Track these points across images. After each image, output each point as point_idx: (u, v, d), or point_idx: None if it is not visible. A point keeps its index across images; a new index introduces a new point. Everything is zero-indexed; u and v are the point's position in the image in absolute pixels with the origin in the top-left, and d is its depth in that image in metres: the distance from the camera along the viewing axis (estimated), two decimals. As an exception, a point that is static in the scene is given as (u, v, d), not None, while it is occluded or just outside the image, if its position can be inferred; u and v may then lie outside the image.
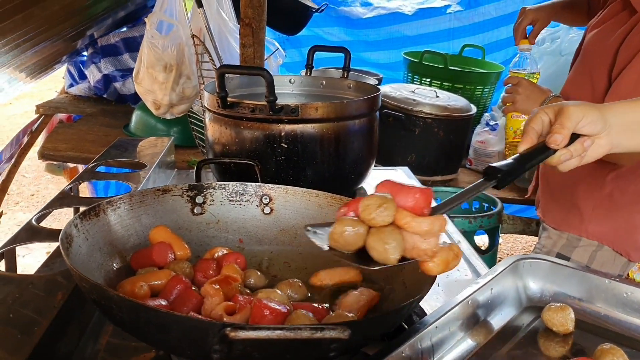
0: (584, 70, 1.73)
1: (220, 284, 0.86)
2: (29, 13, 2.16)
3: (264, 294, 0.87)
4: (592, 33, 1.75)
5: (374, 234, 0.77)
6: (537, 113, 1.01)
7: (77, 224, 0.91)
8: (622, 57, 1.59)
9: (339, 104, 1.37)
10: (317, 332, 0.57)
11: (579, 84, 1.75)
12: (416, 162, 2.56)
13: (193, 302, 0.83)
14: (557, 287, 1.10)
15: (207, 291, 0.84)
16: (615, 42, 1.62)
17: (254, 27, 2.06)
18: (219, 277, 0.90)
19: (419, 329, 0.84)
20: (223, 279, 0.89)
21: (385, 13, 3.73)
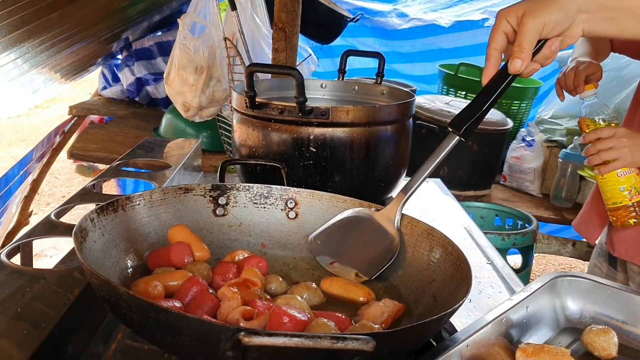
0: None
1: (238, 288, 0.81)
2: (64, 12, 2.17)
3: (283, 300, 0.82)
4: None
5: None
6: (498, 24, 0.93)
7: (94, 218, 0.88)
8: None
9: (371, 108, 1.32)
10: (339, 342, 0.51)
11: None
12: (449, 175, 2.49)
13: (209, 306, 0.78)
14: (598, 307, 1.02)
15: (224, 294, 0.79)
16: None
17: (287, 31, 2.03)
18: (238, 280, 0.85)
19: (448, 347, 0.78)
20: (242, 282, 0.84)
21: (421, 25, 3.68)
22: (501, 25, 0.93)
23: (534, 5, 0.91)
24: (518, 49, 0.90)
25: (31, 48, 2.39)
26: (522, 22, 0.90)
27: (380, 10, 3.76)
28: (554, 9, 0.90)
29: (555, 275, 1.04)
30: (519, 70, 0.91)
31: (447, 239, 0.93)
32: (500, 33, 0.93)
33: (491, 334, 0.87)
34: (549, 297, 1.02)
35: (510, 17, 0.92)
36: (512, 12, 0.92)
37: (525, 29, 0.89)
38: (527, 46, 0.90)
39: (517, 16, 0.91)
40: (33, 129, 7.46)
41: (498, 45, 0.94)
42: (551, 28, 0.90)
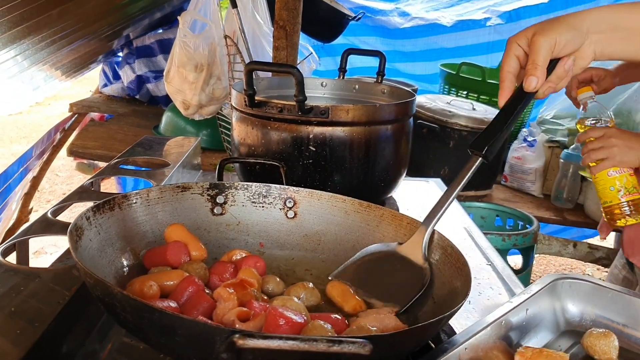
0: None
1: (234, 288, 0.80)
2: (64, 9, 2.16)
3: (279, 302, 0.80)
4: None
5: None
6: (509, 48, 0.93)
7: (90, 216, 0.87)
8: None
9: (371, 107, 1.30)
10: (335, 345, 0.50)
11: None
12: (449, 175, 2.48)
13: (204, 306, 0.77)
14: (599, 310, 1.01)
15: (220, 295, 0.78)
16: None
17: (287, 29, 2.02)
18: (234, 281, 0.84)
19: (447, 349, 0.77)
20: (238, 282, 0.83)
21: (423, 24, 3.67)
22: (512, 49, 0.93)
23: (544, 25, 0.92)
24: (532, 66, 0.90)
25: (31, 45, 2.38)
26: (533, 40, 0.90)
27: (382, 9, 3.75)
28: (564, 27, 0.90)
29: (555, 278, 1.03)
30: (534, 87, 0.90)
31: (446, 240, 0.93)
32: (512, 57, 0.93)
33: (490, 337, 0.86)
34: (549, 300, 1.01)
35: (520, 40, 0.93)
36: (521, 35, 0.93)
37: (537, 46, 0.89)
38: (540, 63, 0.89)
39: (527, 38, 0.92)
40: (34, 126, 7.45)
41: (511, 68, 0.94)
42: (562, 45, 0.90)
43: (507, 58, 0.94)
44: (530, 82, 0.90)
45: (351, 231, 1.07)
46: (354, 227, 1.07)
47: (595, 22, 0.92)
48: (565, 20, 0.92)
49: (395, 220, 1.03)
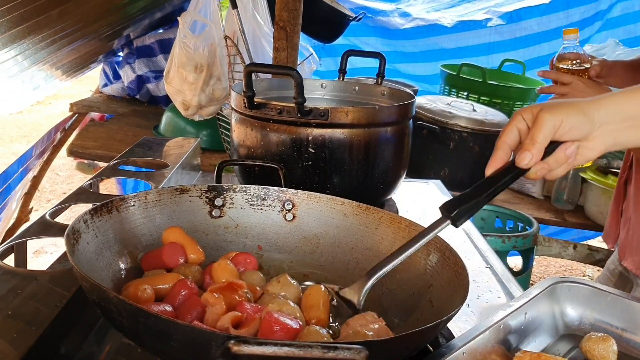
0: None
1: (223, 292, 0.80)
2: (64, 9, 2.16)
3: (275, 306, 0.80)
4: None
5: None
6: (513, 119, 0.88)
7: (87, 219, 0.86)
8: None
9: (370, 109, 1.30)
10: (330, 351, 0.50)
11: None
12: (449, 176, 2.47)
13: (198, 310, 0.77)
14: (598, 314, 1.01)
15: (207, 300, 0.78)
16: None
17: (288, 30, 2.01)
18: (222, 284, 0.83)
19: (445, 354, 0.77)
20: (226, 286, 0.82)
21: (424, 24, 3.67)
22: (515, 120, 0.88)
23: (553, 103, 0.87)
24: (529, 141, 0.85)
25: (31, 45, 2.38)
26: (538, 116, 0.85)
27: (382, 9, 3.75)
28: (573, 110, 0.85)
29: (554, 281, 1.03)
30: (526, 164, 0.85)
31: (444, 243, 0.92)
32: (513, 128, 0.88)
33: (488, 341, 0.85)
34: (548, 303, 1.01)
35: (526, 113, 0.88)
36: (528, 109, 0.88)
37: (540, 122, 0.84)
38: (539, 140, 0.84)
39: (533, 113, 0.87)
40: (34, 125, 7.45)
41: (509, 140, 0.88)
42: (568, 128, 0.85)
43: (508, 129, 0.88)
44: (524, 157, 0.84)
45: (350, 234, 1.06)
46: (352, 230, 1.07)
47: (610, 112, 0.86)
48: (578, 104, 0.86)
49: (394, 222, 1.03)
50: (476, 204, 0.84)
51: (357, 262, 1.03)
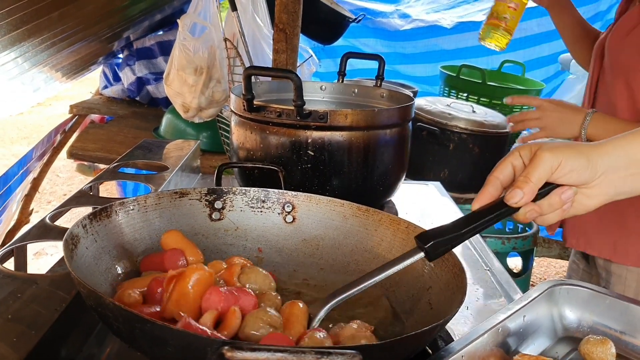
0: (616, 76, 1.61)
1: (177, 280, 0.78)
2: (64, 11, 2.17)
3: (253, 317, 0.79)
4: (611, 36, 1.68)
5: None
6: (509, 155, 0.83)
7: (86, 224, 0.87)
8: None
9: (369, 111, 1.30)
10: (323, 356, 0.50)
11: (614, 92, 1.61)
12: (449, 178, 2.48)
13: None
14: (596, 317, 1.01)
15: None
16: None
17: (287, 32, 2.01)
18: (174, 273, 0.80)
19: (443, 357, 0.77)
20: (179, 274, 0.79)
21: (424, 26, 3.67)
22: (511, 157, 0.83)
23: (554, 143, 0.81)
24: (523, 179, 0.79)
25: (31, 47, 2.39)
26: (536, 153, 0.80)
27: (382, 11, 3.75)
28: (574, 153, 0.79)
29: (553, 284, 1.03)
30: (516, 202, 0.79)
31: (443, 245, 0.92)
32: (507, 164, 0.83)
33: (487, 344, 0.85)
34: (547, 306, 1.01)
35: (523, 150, 0.82)
36: (527, 147, 0.82)
37: (537, 160, 0.79)
38: (533, 179, 0.79)
39: (532, 151, 0.81)
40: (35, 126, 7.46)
41: (501, 175, 0.83)
42: (567, 171, 0.79)
43: (502, 164, 0.83)
44: (514, 194, 0.79)
45: (349, 235, 1.07)
46: (352, 232, 1.07)
47: (615, 159, 0.81)
48: (580, 147, 0.81)
49: (393, 224, 1.03)
50: (455, 238, 0.79)
51: (357, 264, 1.04)
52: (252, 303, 0.78)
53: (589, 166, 0.79)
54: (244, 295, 0.77)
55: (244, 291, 0.79)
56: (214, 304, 0.75)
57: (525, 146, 0.83)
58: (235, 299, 0.74)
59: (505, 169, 0.83)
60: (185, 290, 0.77)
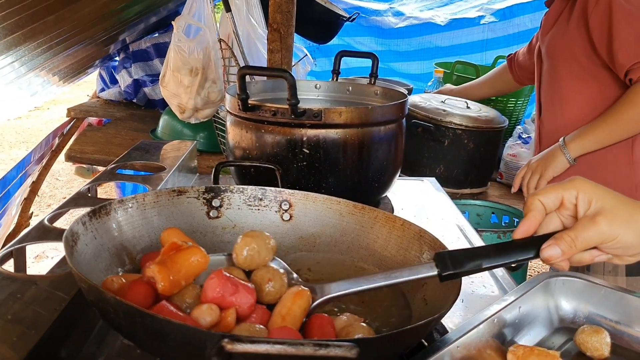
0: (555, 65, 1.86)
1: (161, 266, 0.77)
2: (60, 15, 2.18)
3: None
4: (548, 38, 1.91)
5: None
6: (564, 187, 0.77)
7: (86, 222, 0.88)
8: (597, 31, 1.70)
9: (363, 109, 1.32)
10: (321, 348, 0.52)
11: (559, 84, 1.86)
12: (445, 173, 2.49)
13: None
14: (592, 307, 1.02)
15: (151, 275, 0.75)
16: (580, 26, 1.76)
17: (282, 32, 2.02)
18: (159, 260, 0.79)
19: (439, 347, 0.78)
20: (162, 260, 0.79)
21: (418, 23, 3.68)
22: (566, 191, 0.77)
23: (618, 211, 0.74)
24: (569, 240, 0.73)
25: (28, 51, 2.39)
26: (595, 219, 0.73)
27: (376, 9, 3.76)
28: (634, 230, 0.74)
29: (548, 275, 1.04)
30: (549, 258, 0.74)
31: (437, 241, 0.93)
32: (558, 195, 0.77)
33: (482, 335, 0.87)
34: (543, 297, 1.02)
35: (583, 194, 0.76)
36: (588, 192, 0.75)
37: (593, 227, 0.73)
38: (580, 245, 0.73)
39: (591, 205, 0.75)
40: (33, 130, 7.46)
41: (548, 203, 0.78)
42: (616, 247, 0.74)
43: (552, 192, 0.77)
44: (553, 253, 0.74)
45: (346, 233, 1.08)
46: (348, 229, 1.08)
47: None
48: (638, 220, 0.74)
49: (388, 221, 1.04)
50: (474, 270, 0.77)
51: (353, 261, 1.05)
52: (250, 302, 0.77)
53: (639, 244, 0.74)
54: (243, 289, 0.77)
55: (245, 287, 0.78)
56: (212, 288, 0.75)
57: (586, 190, 0.76)
58: (234, 290, 0.75)
59: (555, 198, 0.78)
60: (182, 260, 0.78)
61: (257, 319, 0.77)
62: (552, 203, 0.78)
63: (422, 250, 0.95)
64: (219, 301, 0.74)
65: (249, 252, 0.89)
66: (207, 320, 0.72)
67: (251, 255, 0.89)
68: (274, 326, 0.76)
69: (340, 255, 1.06)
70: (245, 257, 0.89)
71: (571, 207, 0.77)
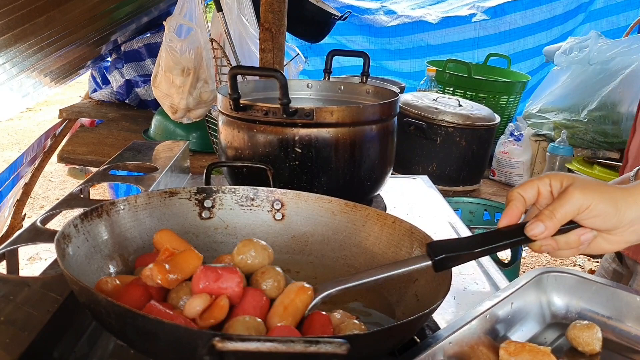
0: None
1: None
2: (50, 15, 2.17)
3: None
4: None
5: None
6: (539, 179, 0.82)
7: (77, 224, 0.88)
8: None
9: (355, 108, 1.32)
10: (312, 345, 0.52)
11: None
12: (437, 171, 2.50)
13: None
14: (584, 303, 1.03)
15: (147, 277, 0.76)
16: None
17: (273, 31, 2.03)
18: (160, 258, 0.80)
19: (431, 344, 0.79)
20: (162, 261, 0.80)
21: (409, 22, 3.69)
22: (540, 181, 0.82)
23: (588, 183, 0.79)
24: (548, 213, 0.78)
25: (19, 52, 2.39)
26: (568, 190, 0.78)
27: (368, 7, 3.77)
28: (606, 198, 0.78)
29: (540, 271, 1.05)
30: (535, 234, 0.78)
31: (428, 237, 0.94)
32: (534, 186, 0.82)
33: (475, 331, 0.87)
34: (535, 293, 1.02)
35: (555, 180, 0.81)
36: (559, 177, 0.81)
37: (567, 197, 0.77)
38: (558, 216, 0.78)
39: (562, 184, 0.80)
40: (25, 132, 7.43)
41: (526, 195, 0.82)
42: (593, 215, 0.78)
43: (529, 184, 0.82)
44: (536, 227, 0.78)
45: (338, 231, 1.08)
46: (340, 228, 1.08)
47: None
48: (612, 192, 0.79)
49: (380, 219, 1.04)
50: (466, 256, 0.79)
51: (345, 259, 1.05)
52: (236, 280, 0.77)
53: (616, 214, 0.78)
54: (224, 271, 0.76)
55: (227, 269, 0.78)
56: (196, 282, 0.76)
57: (557, 175, 0.82)
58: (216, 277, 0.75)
59: (531, 189, 0.82)
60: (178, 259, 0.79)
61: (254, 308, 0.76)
62: (530, 195, 0.82)
63: (413, 247, 0.96)
64: (208, 291, 0.74)
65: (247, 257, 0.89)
66: (199, 309, 0.72)
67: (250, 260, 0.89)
68: (275, 315, 0.76)
69: (333, 253, 1.06)
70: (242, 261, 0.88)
71: (547, 195, 0.82)
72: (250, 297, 0.77)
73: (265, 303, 0.78)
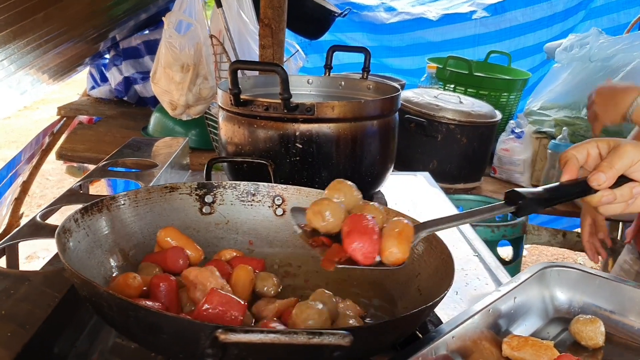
0: None
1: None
2: (49, 12, 2.16)
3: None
4: None
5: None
6: (586, 142, 0.90)
7: (78, 218, 0.87)
8: None
9: (356, 103, 1.31)
10: (315, 337, 0.51)
11: None
12: (438, 168, 2.49)
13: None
14: (587, 297, 1.03)
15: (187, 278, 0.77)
16: None
17: (273, 27, 2.02)
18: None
19: (434, 338, 0.78)
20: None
21: (409, 19, 3.68)
22: (588, 144, 0.90)
23: (635, 142, 0.87)
24: (607, 164, 0.86)
25: (17, 49, 2.37)
26: (620, 146, 0.86)
27: (368, 4, 3.75)
28: None
29: (543, 266, 1.04)
30: (599, 185, 0.86)
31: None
32: (584, 149, 0.90)
33: (477, 325, 0.87)
34: (538, 288, 1.02)
35: (602, 142, 0.89)
36: (605, 140, 0.89)
37: (621, 152, 0.86)
38: (616, 166, 0.85)
39: (610, 145, 0.88)
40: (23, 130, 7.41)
41: (579, 155, 0.89)
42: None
43: (579, 147, 0.90)
44: (598, 177, 0.85)
45: (339, 226, 1.07)
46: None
47: None
48: None
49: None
50: (543, 201, 0.85)
51: (346, 254, 1.04)
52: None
53: None
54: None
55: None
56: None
57: (603, 139, 0.89)
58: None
59: (582, 151, 0.90)
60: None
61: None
62: (581, 156, 0.90)
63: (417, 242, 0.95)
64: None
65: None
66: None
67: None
68: (390, 237, 0.80)
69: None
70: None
71: (595, 157, 0.90)
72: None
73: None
